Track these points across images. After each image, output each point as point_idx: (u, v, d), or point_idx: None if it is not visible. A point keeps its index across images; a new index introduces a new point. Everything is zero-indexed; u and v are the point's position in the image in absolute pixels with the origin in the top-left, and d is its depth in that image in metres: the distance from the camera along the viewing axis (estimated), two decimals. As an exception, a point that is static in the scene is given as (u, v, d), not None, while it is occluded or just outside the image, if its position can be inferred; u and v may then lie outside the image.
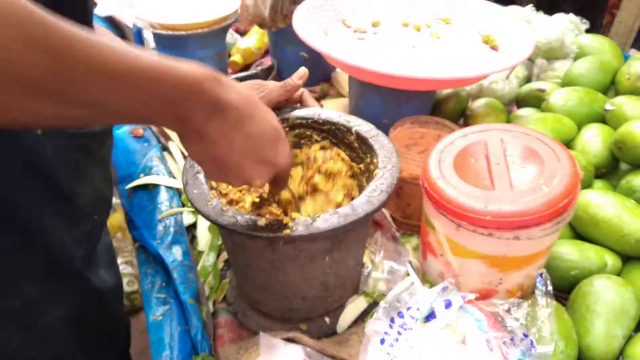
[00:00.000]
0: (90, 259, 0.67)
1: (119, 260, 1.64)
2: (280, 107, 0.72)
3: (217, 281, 0.74)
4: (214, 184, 0.65)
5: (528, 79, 1.16)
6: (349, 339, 0.65)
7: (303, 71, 0.72)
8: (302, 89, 0.74)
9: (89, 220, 0.65)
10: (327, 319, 0.68)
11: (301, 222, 0.53)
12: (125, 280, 1.61)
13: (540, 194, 0.59)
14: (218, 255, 0.77)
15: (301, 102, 0.74)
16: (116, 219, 1.57)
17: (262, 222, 0.53)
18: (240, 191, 0.67)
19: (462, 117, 1.05)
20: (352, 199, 0.65)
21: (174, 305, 0.67)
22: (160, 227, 0.76)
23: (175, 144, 0.96)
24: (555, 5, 1.71)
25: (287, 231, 0.52)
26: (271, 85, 0.70)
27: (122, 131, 0.97)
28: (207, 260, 0.76)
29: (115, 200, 1.60)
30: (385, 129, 0.81)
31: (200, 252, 0.78)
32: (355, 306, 0.69)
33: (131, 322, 0.88)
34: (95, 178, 0.65)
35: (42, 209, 0.57)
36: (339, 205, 0.66)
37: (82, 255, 0.65)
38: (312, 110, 0.71)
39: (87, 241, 0.65)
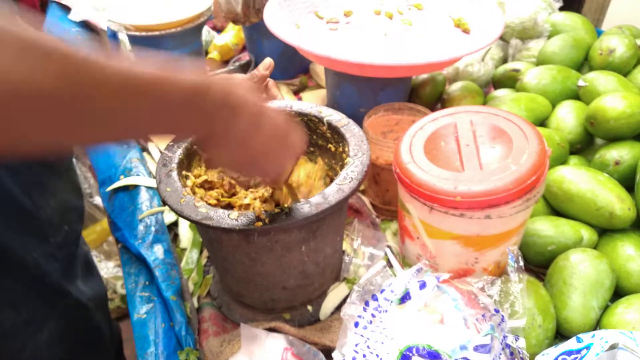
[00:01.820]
0: (69, 272, 0.68)
1: (111, 264, 1.65)
2: None
3: (200, 277, 0.75)
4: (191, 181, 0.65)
5: (504, 60, 1.17)
6: (331, 326, 0.66)
7: (269, 62, 0.73)
8: (268, 80, 0.74)
9: (59, 232, 0.65)
10: (309, 307, 0.69)
11: (273, 213, 0.54)
12: (119, 283, 1.62)
13: (509, 173, 0.60)
14: (201, 252, 0.78)
15: (266, 92, 0.75)
16: (106, 223, 1.57)
17: (234, 215, 0.53)
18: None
19: (439, 101, 1.06)
20: None
21: (157, 303, 0.68)
22: (141, 227, 0.77)
23: (154, 145, 0.96)
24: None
25: (259, 223, 0.53)
26: (238, 78, 0.70)
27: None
28: (190, 257, 0.77)
29: (103, 204, 1.60)
30: (362, 118, 0.82)
31: (183, 250, 0.79)
32: (337, 293, 0.70)
33: (126, 323, 0.89)
34: (58, 189, 0.65)
35: (4, 229, 0.57)
36: None
37: (59, 268, 0.66)
38: (284, 103, 0.72)
39: (60, 252, 0.65)
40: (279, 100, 0.73)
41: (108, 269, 1.66)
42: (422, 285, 0.57)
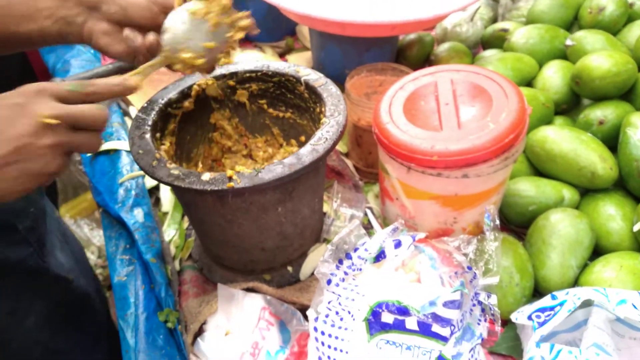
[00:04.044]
0: (43, 250, 0.68)
1: (101, 233, 1.66)
2: (147, 26, 0.59)
3: (182, 240, 0.75)
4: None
5: (494, 20, 1.15)
6: (309, 285, 0.66)
7: None
8: None
9: (25, 217, 0.65)
10: (289, 268, 0.69)
11: (246, 175, 0.53)
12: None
13: (487, 131, 0.59)
14: (183, 216, 0.78)
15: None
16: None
17: (205, 177, 0.53)
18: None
19: (427, 63, 1.04)
20: None
21: (137, 266, 0.68)
22: (121, 191, 0.76)
23: (135, 109, 0.95)
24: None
25: (230, 184, 0.52)
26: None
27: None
28: (172, 220, 0.77)
29: (84, 169, 1.60)
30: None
31: (165, 214, 0.78)
32: (317, 254, 0.70)
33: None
34: None
35: None
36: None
37: (33, 251, 0.65)
38: (261, 62, 0.71)
39: (32, 235, 0.65)
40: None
41: (100, 237, 1.66)
42: (397, 244, 0.57)
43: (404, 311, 0.49)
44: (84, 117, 0.47)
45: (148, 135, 0.60)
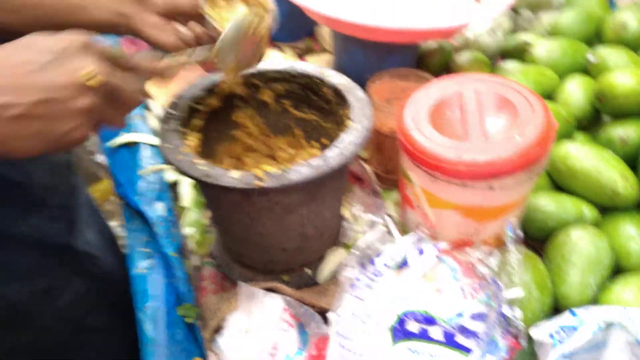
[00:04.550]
0: (74, 227, 0.68)
1: (114, 224, 1.66)
2: (192, 14, 0.61)
3: (201, 236, 0.75)
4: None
5: (514, 31, 1.15)
6: (327, 289, 0.66)
7: None
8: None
9: (55, 194, 0.65)
10: (307, 270, 0.69)
11: (273, 174, 0.53)
12: (119, 243, 1.63)
13: (513, 144, 0.59)
14: (203, 211, 0.78)
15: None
16: (108, 182, 1.58)
17: (234, 174, 0.53)
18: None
19: (446, 70, 1.05)
20: None
21: (158, 259, 0.69)
22: (142, 184, 0.77)
23: (156, 103, 0.96)
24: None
25: (258, 183, 0.52)
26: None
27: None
28: (192, 216, 0.77)
29: (106, 162, 1.60)
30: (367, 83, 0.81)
31: (185, 209, 0.79)
32: (335, 257, 0.71)
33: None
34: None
35: None
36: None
37: (64, 228, 0.66)
38: (287, 63, 0.71)
39: (61, 211, 0.65)
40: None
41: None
42: (421, 253, 0.57)
43: (430, 321, 0.49)
44: (125, 89, 0.44)
45: (176, 131, 0.60)
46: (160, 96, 0.96)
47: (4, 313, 0.62)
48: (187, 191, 0.80)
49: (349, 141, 0.58)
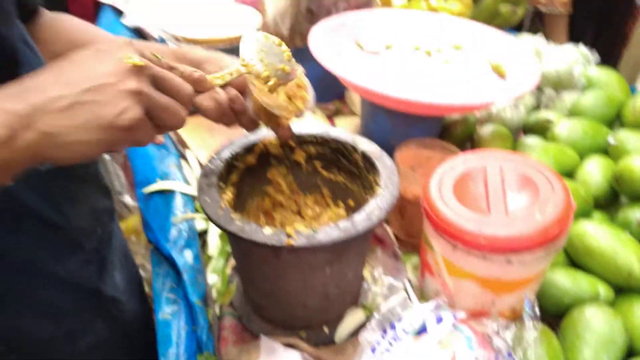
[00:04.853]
0: (104, 270, 0.70)
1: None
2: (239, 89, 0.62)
3: (224, 286, 0.78)
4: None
5: (536, 108, 1.19)
6: (345, 349, 0.68)
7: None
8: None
9: (93, 237, 0.67)
10: (326, 329, 0.71)
11: (304, 234, 0.57)
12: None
13: (533, 221, 0.62)
14: (227, 261, 0.81)
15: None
16: (132, 221, 1.61)
17: (267, 231, 0.56)
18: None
19: (469, 141, 1.08)
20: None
21: (182, 306, 0.71)
22: (174, 231, 0.80)
23: (192, 153, 1.00)
24: (576, 38, 1.74)
25: (289, 241, 0.55)
26: (230, 62, 0.61)
27: (143, 137, 1.03)
28: (216, 265, 0.80)
29: (132, 203, 1.64)
30: (393, 149, 0.85)
31: (210, 257, 0.82)
32: (353, 318, 0.72)
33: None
34: (88, 195, 0.66)
35: (34, 248, 0.58)
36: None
37: (95, 270, 0.68)
38: (321, 128, 0.75)
39: (95, 255, 0.68)
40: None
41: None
42: (439, 321, 0.59)
43: (447, 389, 0.51)
44: (170, 78, 0.45)
45: (214, 185, 0.64)
46: (196, 146, 1.01)
47: (26, 348, 0.64)
48: (214, 240, 0.84)
49: (376, 206, 0.61)
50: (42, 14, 0.67)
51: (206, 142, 1.01)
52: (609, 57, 1.29)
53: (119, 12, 1.46)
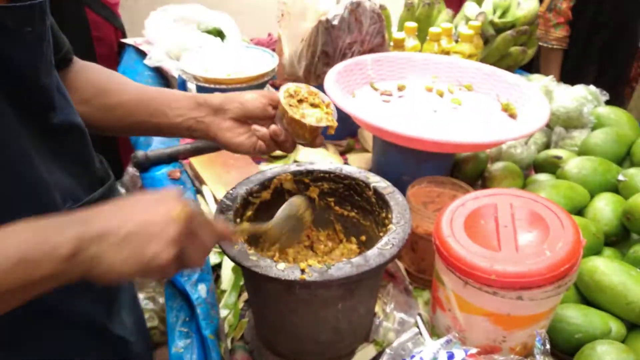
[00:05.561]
0: (112, 309, 0.71)
1: (141, 296, 1.69)
2: (260, 117, 0.70)
3: (236, 320, 0.79)
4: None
5: (546, 146, 1.21)
6: (356, 384, 0.68)
7: None
8: None
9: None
10: (337, 364, 0.71)
11: (317, 269, 0.58)
12: (145, 316, 1.65)
13: (543, 258, 0.63)
14: (239, 295, 0.82)
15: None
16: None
17: (281, 266, 0.58)
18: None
19: (480, 178, 1.10)
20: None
21: (195, 339, 0.72)
22: (188, 265, 0.82)
23: (208, 188, 1.03)
24: (578, 76, 1.76)
25: (302, 276, 0.57)
26: (247, 96, 0.70)
27: (161, 172, 1.06)
28: (229, 299, 0.81)
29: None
30: (404, 185, 0.87)
31: (223, 291, 0.83)
32: (364, 353, 0.73)
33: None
34: None
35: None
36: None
37: (103, 309, 0.70)
38: (335, 165, 0.77)
39: (106, 295, 0.69)
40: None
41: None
42: (450, 357, 0.60)
43: None
44: (202, 234, 0.53)
45: (230, 221, 0.66)
46: (211, 181, 1.04)
47: None
48: (227, 274, 0.85)
49: (388, 243, 0.63)
50: (74, 62, 0.71)
51: (222, 178, 1.04)
52: (613, 96, 1.30)
53: (141, 53, 1.53)
